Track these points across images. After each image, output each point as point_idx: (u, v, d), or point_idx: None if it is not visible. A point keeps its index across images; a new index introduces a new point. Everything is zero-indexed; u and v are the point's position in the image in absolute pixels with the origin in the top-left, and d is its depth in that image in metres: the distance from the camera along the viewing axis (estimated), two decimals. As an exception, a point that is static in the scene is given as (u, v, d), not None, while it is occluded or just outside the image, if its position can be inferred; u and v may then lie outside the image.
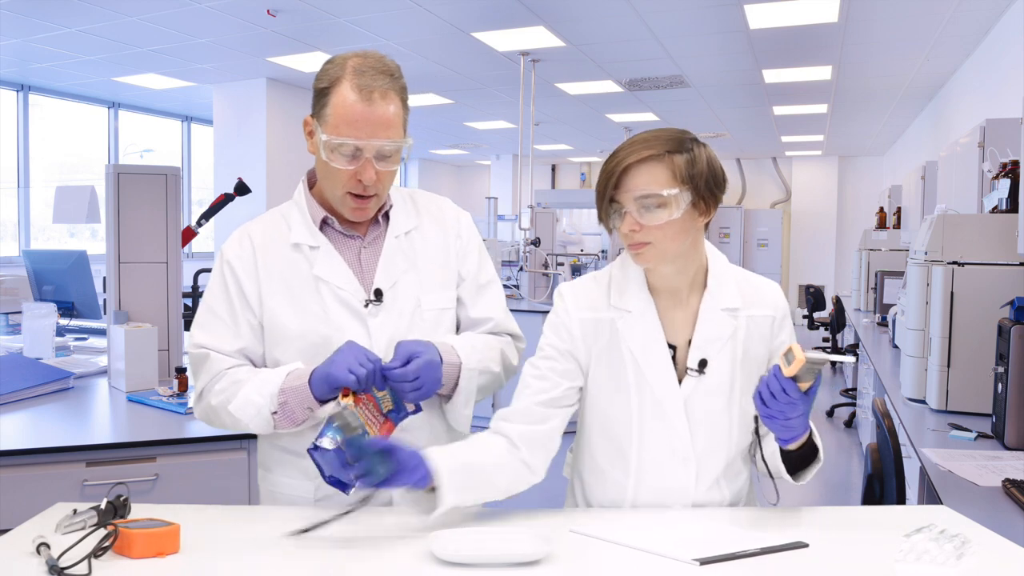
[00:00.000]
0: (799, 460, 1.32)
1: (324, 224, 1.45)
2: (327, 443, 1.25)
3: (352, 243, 1.46)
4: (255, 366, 1.44)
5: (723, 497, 1.37)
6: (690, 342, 1.36)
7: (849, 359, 1.23)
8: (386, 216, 1.48)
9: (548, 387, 1.36)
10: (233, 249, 1.45)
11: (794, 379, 1.17)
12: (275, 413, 1.34)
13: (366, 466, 1.16)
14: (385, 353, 1.37)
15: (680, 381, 1.34)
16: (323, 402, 1.33)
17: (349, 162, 1.35)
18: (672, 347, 1.36)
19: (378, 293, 1.41)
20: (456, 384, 1.41)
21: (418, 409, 1.36)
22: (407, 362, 1.29)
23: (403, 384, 1.29)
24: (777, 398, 1.19)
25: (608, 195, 1.28)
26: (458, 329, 1.54)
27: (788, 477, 1.33)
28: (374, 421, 1.30)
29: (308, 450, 1.26)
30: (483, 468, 1.29)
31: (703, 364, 1.34)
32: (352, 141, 1.33)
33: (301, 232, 1.44)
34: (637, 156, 1.26)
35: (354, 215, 1.42)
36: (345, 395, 1.29)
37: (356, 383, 1.27)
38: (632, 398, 1.35)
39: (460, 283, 1.52)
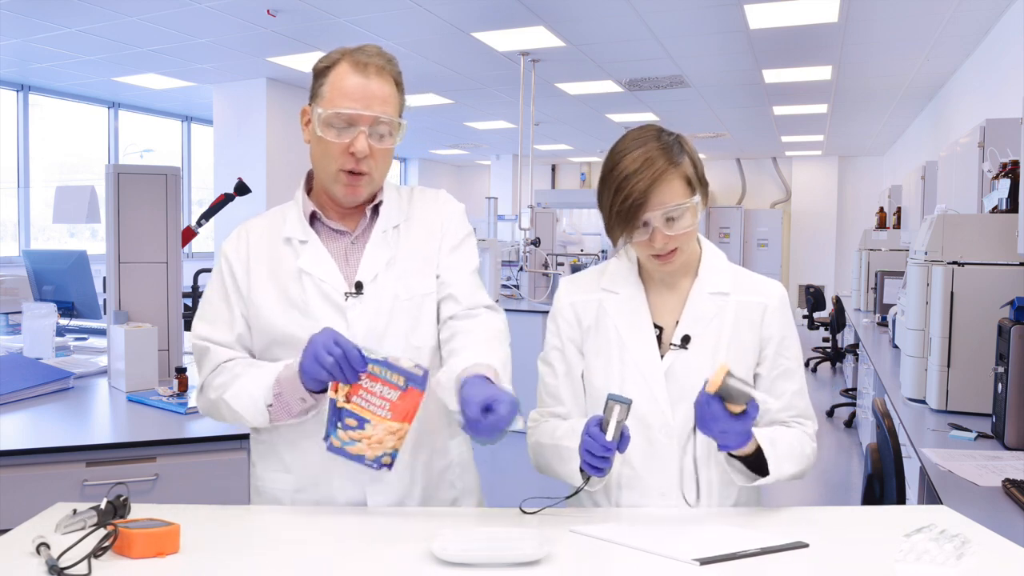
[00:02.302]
0: (754, 465, 1.35)
1: (315, 219, 1.47)
2: (335, 442, 1.27)
3: (340, 238, 1.47)
4: (253, 357, 1.46)
5: (710, 476, 1.38)
6: (677, 323, 1.42)
7: (764, 399, 1.26)
8: (376, 211, 1.49)
9: (559, 378, 1.48)
10: (231, 243, 1.49)
11: (721, 398, 1.23)
12: (271, 405, 1.34)
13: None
14: (363, 342, 1.36)
15: (663, 357, 1.40)
16: (316, 393, 1.33)
17: (343, 134, 1.36)
18: (659, 328, 1.42)
19: (359, 285, 1.42)
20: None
21: (425, 369, 1.30)
22: (487, 409, 1.19)
23: (494, 431, 1.20)
24: (699, 408, 1.26)
25: (632, 219, 1.32)
26: None
27: (739, 470, 1.36)
28: (382, 402, 1.27)
29: (327, 448, 1.28)
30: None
31: (686, 340, 1.39)
32: (347, 110, 1.35)
33: (294, 227, 1.46)
34: (654, 176, 1.30)
35: (346, 194, 1.41)
36: (335, 390, 1.28)
37: (327, 372, 1.25)
38: (617, 372, 1.41)
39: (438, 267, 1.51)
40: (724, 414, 1.24)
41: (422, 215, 1.52)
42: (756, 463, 1.34)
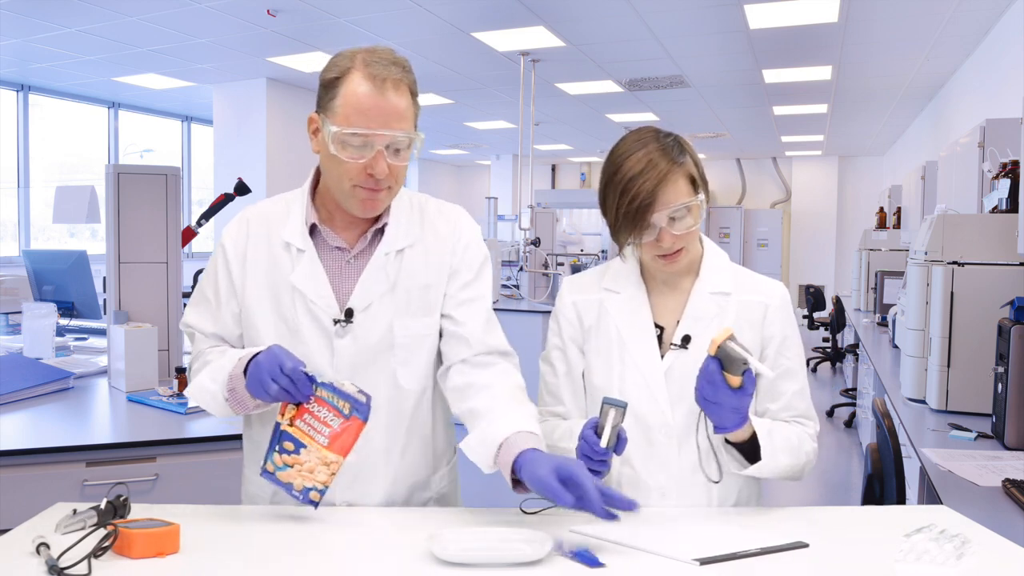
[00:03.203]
0: (749, 454, 1.35)
1: (314, 228, 1.40)
2: (269, 466, 1.27)
3: (338, 255, 1.40)
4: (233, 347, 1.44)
5: (711, 475, 1.37)
6: (678, 322, 1.42)
7: (766, 372, 1.24)
8: (380, 230, 1.40)
9: (560, 377, 1.49)
10: (231, 233, 1.44)
11: (722, 366, 1.23)
12: (228, 399, 1.33)
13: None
14: (349, 375, 1.34)
15: (664, 357, 1.40)
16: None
17: (360, 155, 1.27)
18: (660, 328, 1.43)
19: (349, 313, 1.35)
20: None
21: (368, 395, 1.27)
22: (567, 484, 1.16)
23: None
24: (699, 375, 1.26)
25: (640, 220, 1.32)
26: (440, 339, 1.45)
27: (734, 457, 1.35)
28: (324, 428, 1.25)
29: (260, 473, 1.27)
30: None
31: (686, 340, 1.40)
32: (364, 131, 1.26)
33: (293, 231, 1.39)
34: (659, 176, 1.30)
35: (364, 208, 1.33)
36: (282, 413, 1.27)
37: (272, 399, 1.25)
38: (617, 372, 1.41)
39: (445, 300, 1.43)
40: (721, 381, 1.24)
41: (433, 239, 1.43)
42: (752, 452, 1.34)
